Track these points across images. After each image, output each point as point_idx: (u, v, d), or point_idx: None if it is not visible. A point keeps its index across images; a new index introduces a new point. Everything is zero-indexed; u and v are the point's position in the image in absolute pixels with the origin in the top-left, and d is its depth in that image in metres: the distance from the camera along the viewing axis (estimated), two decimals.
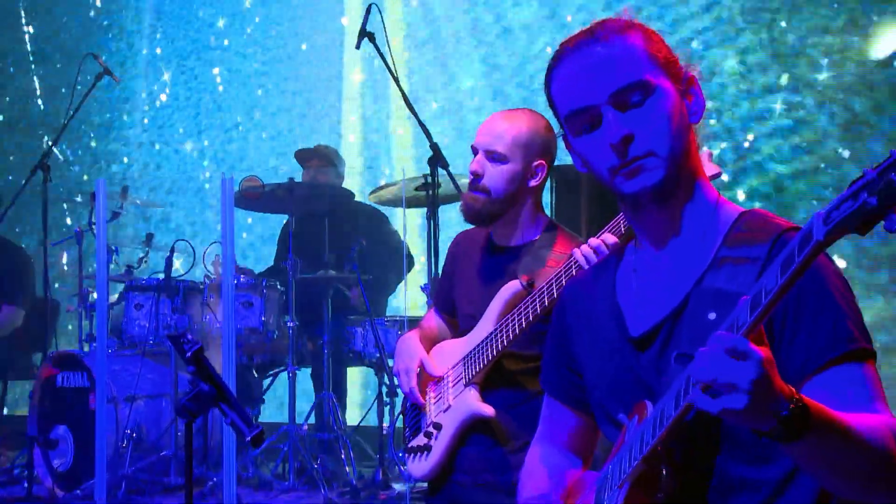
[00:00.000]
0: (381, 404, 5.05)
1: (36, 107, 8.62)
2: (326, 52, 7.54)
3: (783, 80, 6.02)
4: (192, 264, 5.11)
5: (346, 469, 4.92)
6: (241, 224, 7.38)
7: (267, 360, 5.44)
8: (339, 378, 5.56)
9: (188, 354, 2.24)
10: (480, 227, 2.88)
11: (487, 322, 2.73)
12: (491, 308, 2.73)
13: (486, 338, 2.69)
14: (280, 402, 5.87)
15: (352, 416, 5.82)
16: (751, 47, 6.08)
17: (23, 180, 5.49)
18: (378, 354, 4.98)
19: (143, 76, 8.26)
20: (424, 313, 3.44)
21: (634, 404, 1.54)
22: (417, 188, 4.57)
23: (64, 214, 8.02)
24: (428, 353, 2.91)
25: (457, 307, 2.97)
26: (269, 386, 5.74)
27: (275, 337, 5.16)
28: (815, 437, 1.30)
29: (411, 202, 4.90)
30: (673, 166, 1.55)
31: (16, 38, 8.81)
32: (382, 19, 4.47)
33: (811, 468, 1.41)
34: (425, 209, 4.45)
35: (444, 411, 2.78)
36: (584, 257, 2.46)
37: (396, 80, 4.46)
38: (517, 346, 2.65)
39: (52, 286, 5.77)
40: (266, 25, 7.79)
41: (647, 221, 1.63)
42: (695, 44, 6.15)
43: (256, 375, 5.62)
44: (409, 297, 5.03)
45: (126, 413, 4.89)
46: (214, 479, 4.64)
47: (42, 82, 8.63)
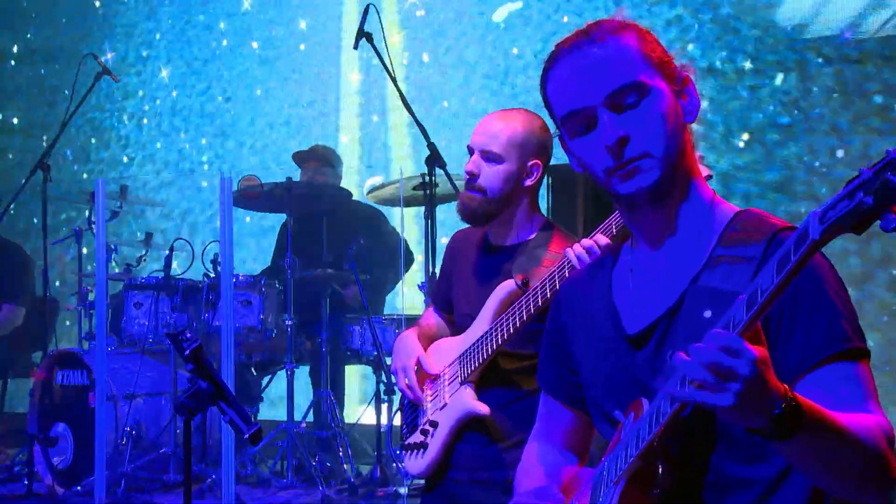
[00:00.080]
0: (379, 402, 5.04)
1: (36, 107, 8.60)
2: (325, 52, 7.52)
3: None
4: (191, 263, 5.10)
5: (345, 466, 4.92)
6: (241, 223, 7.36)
7: (265, 358, 5.43)
8: (338, 376, 5.56)
9: (187, 352, 2.24)
10: (476, 226, 2.87)
11: (483, 321, 2.72)
12: (486, 307, 2.72)
13: (482, 337, 2.68)
14: (275, 400, 5.87)
15: (350, 414, 5.82)
16: None
17: (23, 180, 5.48)
18: (376, 353, 4.97)
19: (143, 76, 8.25)
20: (422, 312, 3.44)
21: (630, 402, 1.54)
22: (415, 187, 4.57)
23: (64, 214, 8.01)
24: (426, 350, 2.91)
25: (454, 306, 2.96)
26: (268, 384, 5.74)
27: (273, 335, 5.16)
28: (807, 436, 1.30)
29: (409, 201, 4.90)
30: (668, 167, 1.55)
31: (16, 38, 8.79)
32: (380, 20, 4.46)
33: (803, 466, 1.41)
34: (423, 208, 4.45)
35: (441, 409, 2.77)
36: (577, 258, 2.46)
37: (394, 80, 4.45)
38: (512, 345, 2.65)
39: (51, 285, 5.76)
40: (265, 26, 7.78)
41: (642, 221, 1.63)
42: None
43: (255, 374, 5.62)
44: (407, 295, 5.03)
45: (125, 411, 4.88)
46: (213, 477, 4.64)
47: (42, 82, 8.60)
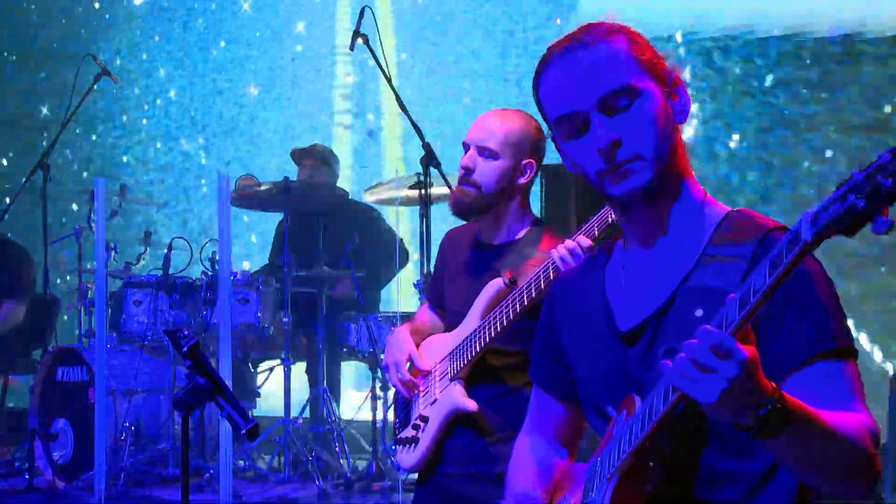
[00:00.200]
0: (375, 398, 5.04)
1: (36, 107, 8.58)
2: (321, 53, 7.52)
3: None
4: (190, 261, 5.09)
5: (341, 461, 4.92)
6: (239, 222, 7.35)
7: (262, 354, 5.42)
8: (334, 372, 5.55)
9: (185, 349, 2.23)
10: (468, 220, 2.88)
11: (472, 318, 2.73)
12: (476, 305, 2.73)
13: (471, 334, 2.70)
14: (272, 396, 5.85)
15: (345, 410, 5.82)
16: None
17: (23, 179, 5.46)
18: (371, 349, 4.97)
19: (142, 76, 8.23)
20: (417, 309, 3.43)
21: (623, 398, 1.54)
22: (410, 187, 4.56)
23: (64, 212, 7.99)
24: (418, 346, 2.92)
25: (445, 303, 2.97)
26: (265, 380, 5.73)
27: (270, 332, 5.15)
28: (794, 434, 1.30)
29: (404, 201, 4.90)
30: (660, 168, 1.55)
31: (16, 38, 8.77)
32: (376, 21, 4.46)
33: (788, 463, 1.41)
34: (418, 207, 4.44)
35: (431, 404, 2.78)
36: (560, 258, 2.47)
37: (389, 81, 4.45)
38: (500, 342, 2.66)
39: (52, 283, 5.74)
40: (263, 26, 7.77)
41: (635, 221, 1.63)
42: None
43: (252, 370, 5.62)
44: (403, 293, 5.03)
45: (125, 406, 4.88)
46: (211, 471, 4.63)
47: (42, 82, 8.58)
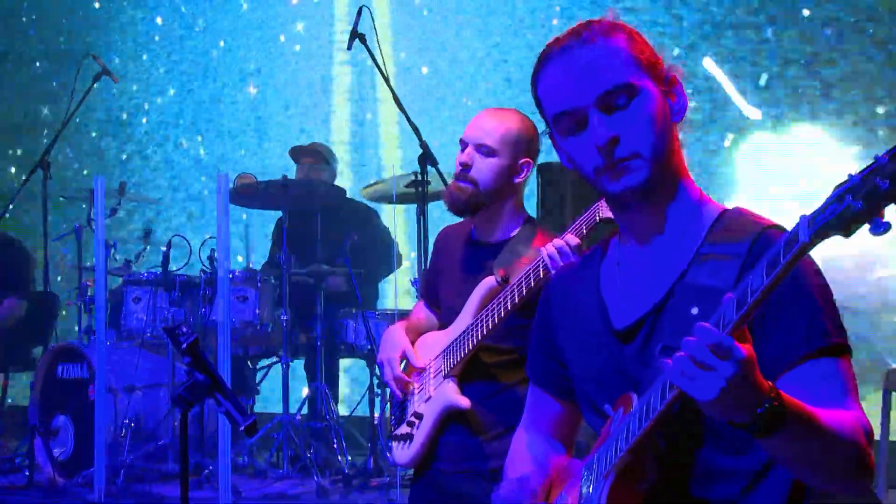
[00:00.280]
0: (373, 395, 5.04)
1: (37, 106, 8.56)
2: (319, 53, 7.51)
3: None
4: (189, 259, 5.08)
5: (339, 457, 4.91)
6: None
7: (261, 351, 5.42)
8: (332, 369, 5.54)
9: (184, 346, 2.23)
10: (463, 217, 2.87)
11: (466, 316, 2.73)
12: (469, 303, 2.74)
13: (464, 331, 2.70)
14: (271, 393, 5.85)
15: (344, 407, 5.81)
16: None
17: (23, 178, 5.45)
18: (369, 346, 4.97)
19: (142, 76, 8.21)
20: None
21: (619, 395, 1.53)
22: (407, 185, 4.56)
23: (64, 211, 7.97)
24: (413, 344, 2.92)
25: (440, 301, 2.97)
26: (264, 377, 5.72)
27: (269, 330, 5.14)
28: (790, 433, 1.30)
29: (401, 199, 4.89)
30: (657, 166, 1.54)
31: (17, 38, 8.75)
32: (373, 21, 4.45)
33: (783, 461, 1.41)
34: (415, 205, 4.43)
35: (426, 401, 2.79)
36: (549, 257, 2.47)
37: (387, 80, 4.44)
38: (492, 339, 2.66)
39: (52, 281, 5.73)
40: (262, 26, 7.76)
41: (631, 219, 1.62)
42: None
43: (251, 367, 5.61)
44: (400, 291, 5.02)
45: (125, 403, 4.87)
46: (210, 467, 4.63)
47: (43, 82, 8.56)
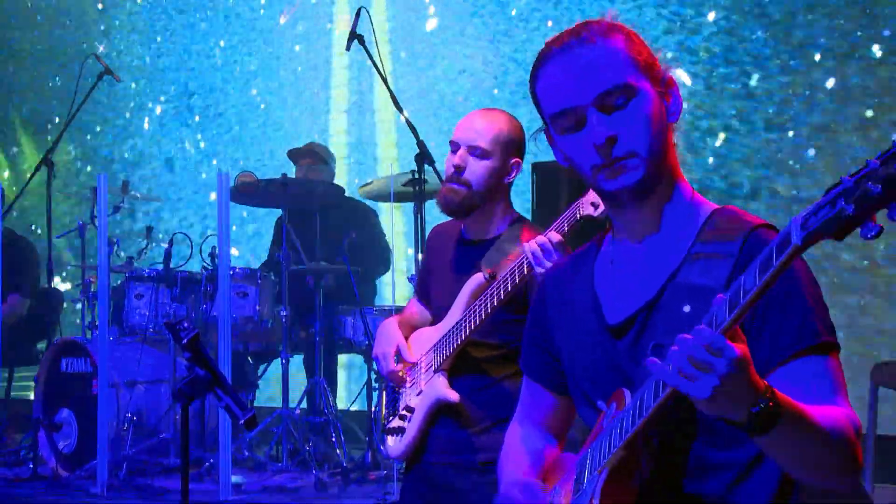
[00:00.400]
0: (370, 389, 5.04)
1: (40, 105, 8.55)
2: (318, 53, 7.51)
3: None
4: (190, 256, 5.08)
5: (337, 451, 4.91)
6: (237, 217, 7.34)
7: (261, 347, 5.41)
8: (331, 364, 5.54)
9: (185, 341, 2.22)
10: (457, 218, 2.88)
11: (455, 312, 2.75)
12: (458, 299, 2.75)
13: (453, 327, 2.72)
14: (269, 387, 5.85)
15: (342, 401, 5.81)
16: None
17: (28, 176, 5.45)
18: (367, 342, 4.97)
19: (143, 75, 8.20)
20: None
21: (612, 390, 1.53)
22: (405, 184, 4.55)
23: (68, 208, 7.96)
24: (407, 338, 2.93)
25: (431, 297, 2.98)
26: (264, 372, 5.72)
27: (269, 326, 5.14)
28: (783, 431, 1.30)
29: (399, 197, 4.88)
30: (653, 166, 1.54)
31: (20, 39, 8.74)
32: (371, 22, 4.44)
33: (776, 457, 1.41)
34: (412, 204, 4.43)
35: (417, 395, 2.81)
36: (531, 253, 2.48)
37: (385, 80, 4.43)
38: (481, 334, 2.68)
39: (56, 276, 5.72)
40: (262, 27, 7.75)
41: (626, 217, 1.62)
42: None
43: (251, 362, 5.61)
44: (397, 287, 5.01)
45: (127, 397, 4.87)
46: (211, 461, 4.63)
47: (47, 81, 8.55)
